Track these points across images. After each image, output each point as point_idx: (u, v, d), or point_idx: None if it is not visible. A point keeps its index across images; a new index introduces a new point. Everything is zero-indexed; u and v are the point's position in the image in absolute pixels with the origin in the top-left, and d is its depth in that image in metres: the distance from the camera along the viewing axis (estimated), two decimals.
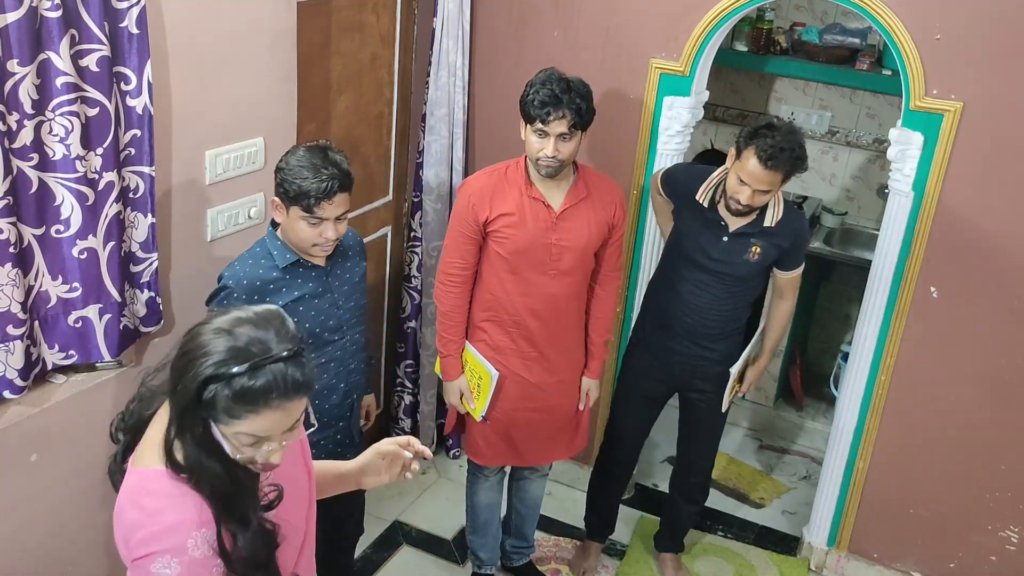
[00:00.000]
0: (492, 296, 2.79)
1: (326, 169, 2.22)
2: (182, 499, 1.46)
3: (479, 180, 2.75)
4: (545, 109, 2.53)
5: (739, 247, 2.83)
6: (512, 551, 3.32)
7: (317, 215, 2.23)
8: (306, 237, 2.28)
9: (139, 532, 1.45)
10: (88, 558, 2.55)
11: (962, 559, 3.26)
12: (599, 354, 2.96)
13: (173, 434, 1.46)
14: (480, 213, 2.69)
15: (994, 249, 2.93)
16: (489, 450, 2.97)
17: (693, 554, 3.54)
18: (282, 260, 2.33)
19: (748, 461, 4.19)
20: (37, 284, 2.22)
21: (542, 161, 2.60)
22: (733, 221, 2.81)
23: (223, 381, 1.40)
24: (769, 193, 2.69)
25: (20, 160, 2.07)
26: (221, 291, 2.31)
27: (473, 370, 2.86)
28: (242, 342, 1.42)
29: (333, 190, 2.22)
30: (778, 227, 2.81)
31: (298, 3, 2.76)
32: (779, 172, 2.63)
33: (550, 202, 2.69)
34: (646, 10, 3.17)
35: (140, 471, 1.51)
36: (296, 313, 2.32)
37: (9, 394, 2.20)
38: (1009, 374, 3.01)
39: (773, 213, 2.81)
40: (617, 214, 2.79)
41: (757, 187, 2.65)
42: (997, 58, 2.76)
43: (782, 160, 2.61)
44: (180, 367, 1.44)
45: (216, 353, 1.41)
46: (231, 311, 1.48)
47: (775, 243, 2.84)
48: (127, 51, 2.21)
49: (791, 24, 4.30)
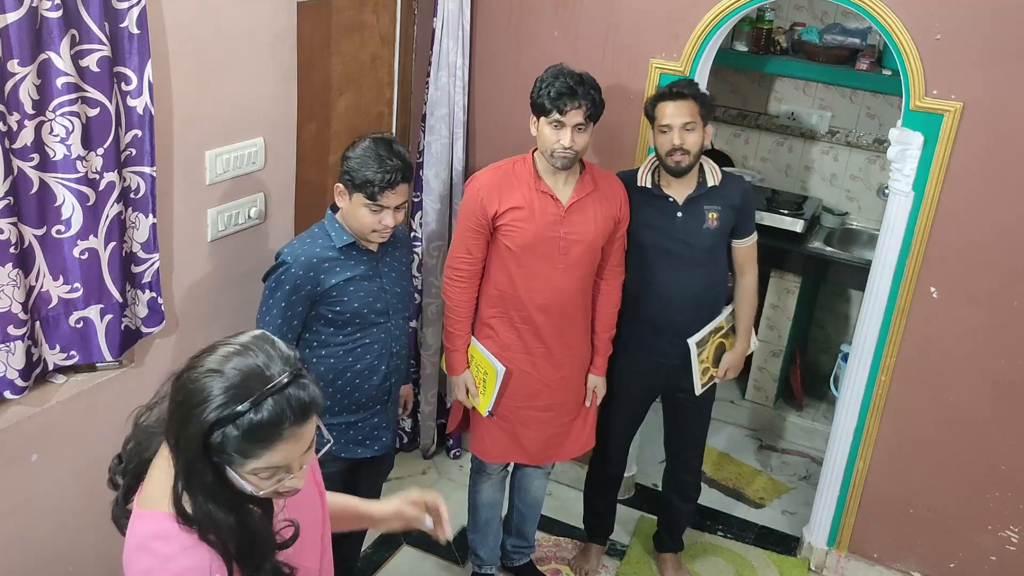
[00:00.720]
0: (500, 291, 2.80)
1: (391, 160, 2.35)
2: (194, 544, 1.40)
3: (487, 175, 2.78)
4: (562, 100, 2.59)
5: (695, 217, 2.87)
6: (512, 551, 3.32)
7: (379, 203, 2.36)
8: (367, 223, 2.40)
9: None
10: (88, 558, 2.55)
11: (962, 559, 3.26)
12: (604, 350, 2.98)
13: (181, 488, 1.38)
14: (489, 207, 2.71)
15: (994, 249, 2.93)
16: (494, 447, 2.98)
17: (693, 554, 3.54)
18: (339, 241, 2.45)
19: (748, 461, 4.19)
20: (38, 284, 2.22)
21: (558, 152, 2.64)
22: (679, 192, 2.86)
23: (229, 423, 1.32)
24: (694, 130, 2.75)
25: (21, 160, 2.07)
26: (280, 267, 2.42)
27: (479, 366, 2.88)
28: (238, 378, 1.34)
29: (396, 180, 2.35)
30: (723, 186, 2.89)
31: (298, 3, 2.76)
32: (687, 100, 2.74)
33: (558, 196, 2.73)
34: (646, 10, 3.17)
35: (149, 514, 1.43)
36: (347, 292, 2.45)
37: (10, 394, 2.20)
38: (1009, 374, 3.01)
39: (712, 174, 2.89)
40: (623, 208, 2.83)
41: (679, 121, 2.73)
42: (997, 58, 2.76)
43: (684, 87, 2.76)
44: (179, 419, 1.35)
45: (215, 397, 1.32)
46: (216, 349, 1.39)
47: (727, 203, 2.88)
48: (127, 51, 2.21)
49: (791, 24, 4.31)
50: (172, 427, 1.37)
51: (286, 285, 2.40)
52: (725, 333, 3.08)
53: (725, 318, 3.05)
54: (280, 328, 2.41)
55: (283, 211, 2.92)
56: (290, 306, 2.42)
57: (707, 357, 3.04)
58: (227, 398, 1.33)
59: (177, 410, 1.36)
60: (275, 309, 2.41)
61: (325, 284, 2.42)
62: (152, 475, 1.46)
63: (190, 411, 1.34)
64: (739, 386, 4.56)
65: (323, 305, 2.44)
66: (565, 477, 3.83)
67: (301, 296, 2.41)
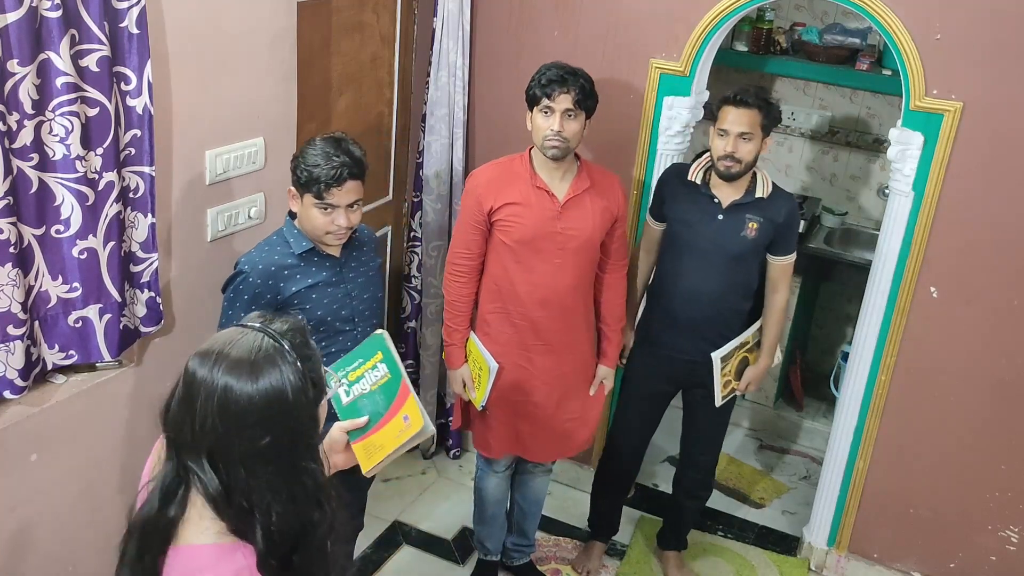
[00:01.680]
0: (498, 287, 2.82)
1: (337, 156, 2.28)
2: (233, 566, 1.32)
3: (485, 172, 2.82)
4: (551, 86, 2.64)
5: (735, 224, 2.87)
6: (513, 549, 3.32)
7: (328, 201, 2.29)
8: (319, 224, 2.33)
9: None
10: (88, 558, 2.55)
11: (962, 559, 3.26)
12: (615, 340, 3.00)
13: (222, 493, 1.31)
14: (486, 203, 2.74)
15: (994, 249, 2.93)
16: (496, 442, 2.99)
17: (693, 554, 3.54)
18: (298, 247, 2.38)
19: (748, 461, 4.19)
20: (37, 284, 2.22)
21: (548, 139, 2.67)
22: (726, 195, 2.87)
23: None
24: (751, 140, 2.75)
25: (20, 160, 2.07)
26: (237, 276, 2.36)
27: (475, 360, 2.90)
28: (251, 342, 1.31)
29: (343, 176, 2.28)
30: (770, 200, 2.88)
31: (298, 3, 2.76)
32: (751, 109, 2.74)
33: (555, 192, 2.75)
34: (646, 10, 3.17)
35: (187, 549, 1.34)
36: (309, 300, 2.38)
37: (9, 394, 2.20)
38: (1009, 374, 3.01)
39: (764, 185, 2.88)
40: (620, 203, 2.85)
41: (736, 129, 2.74)
42: (997, 58, 2.76)
43: (750, 95, 2.74)
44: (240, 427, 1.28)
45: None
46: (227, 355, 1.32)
47: (769, 217, 2.88)
48: (127, 51, 2.21)
49: (791, 24, 4.30)
50: (212, 433, 1.30)
51: (245, 295, 2.34)
52: (750, 348, 3.08)
53: (752, 334, 3.05)
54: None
55: (283, 211, 2.91)
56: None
57: (730, 370, 3.04)
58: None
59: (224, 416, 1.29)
60: (235, 319, 2.30)
61: (286, 292, 2.36)
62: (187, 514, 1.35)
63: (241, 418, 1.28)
64: None
65: (286, 314, 2.37)
66: (565, 477, 3.83)
67: (261, 305, 2.34)
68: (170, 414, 1.34)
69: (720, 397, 3.04)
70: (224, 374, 1.29)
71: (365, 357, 1.84)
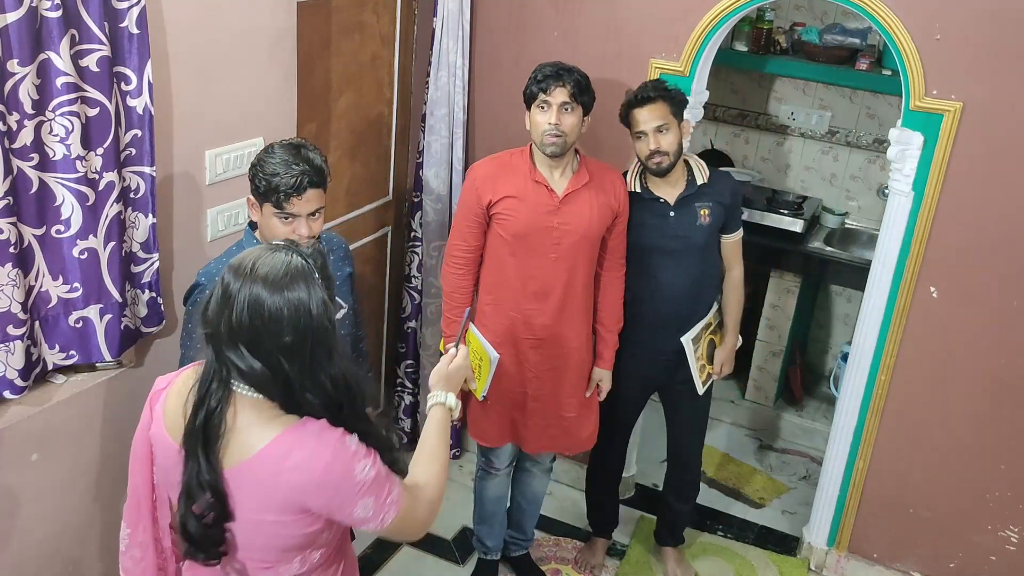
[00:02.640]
0: (494, 279, 2.85)
1: (297, 165, 2.16)
2: (312, 429, 1.56)
3: (484, 165, 2.85)
4: (547, 81, 2.68)
5: (688, 216, 2.93)
6: (510, 541, 3.35)
7: (288, 211, 2.18)
8: (279, 234, 2.21)
9: (318, 475, 1.53)
10: (88, 558, 2.55)
11: (962, 559, 3.26)
12: (612, 342, 3.00)
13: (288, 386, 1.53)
14: (484, 196, 2.77)
15: (994, 249, 2.93)
16: (493, 430, 3.01)
17: (693, 554, 3.54)
18: None
19: (748, 461, 4.19)
20: (38, 284, 2.22)
21: (546, 134, 2.69)
22: (670, 193, 2.92)
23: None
24: (669, 131, 2.80)
25: (20, 160, 2.07)
26: (195, 288, 2.27)
27: (476, 351, 2.91)
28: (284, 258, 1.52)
29: (303, 185, 2.15)
30: (712, 184, 2.94)
31: (298, 3, 2.76)
32: (656, 103, 2.78)
33: (553, 187, 2.77)
34: (646, 10, 3.17)
35: (264, 450, 1.55)
36: None
37: (9, 394, 2.20)
38: (1009, 374, 3.01)
39: (700, 172, 2.94)
40: (621, 201, 2.87)
41: (651, 125, 2.78)
42: (997, 58, 2.76)
43: (648, 90, 2.79)
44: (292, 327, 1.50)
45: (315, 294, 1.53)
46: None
47: (717, 200, 2.94)
48: (127, 51, 2.21)
49: (791, 24, 4.30)
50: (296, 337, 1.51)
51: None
52: (713, 329, 3.12)
53: (712, 314, 3.10)
54: (202, 351, 2.27)
55: None
56: None
57: (702, 355, 3.07)
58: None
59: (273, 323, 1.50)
60: (195, 333, 2.21)
61: None
62: (239, 427, 1.56)
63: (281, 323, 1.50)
64: (739, 386, 4.56)
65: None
66: (566, 477, 3.83)
67: None
68: (209, 314, 1.53)
69: (701, 384, 3.09)
70: (256, 286, 1.50)
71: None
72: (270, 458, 1.54)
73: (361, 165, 3.40)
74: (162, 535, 1.78)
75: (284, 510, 1.56)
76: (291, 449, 1.54)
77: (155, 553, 1.78)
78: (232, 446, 1.56)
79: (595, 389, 3.03)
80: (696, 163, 2.95)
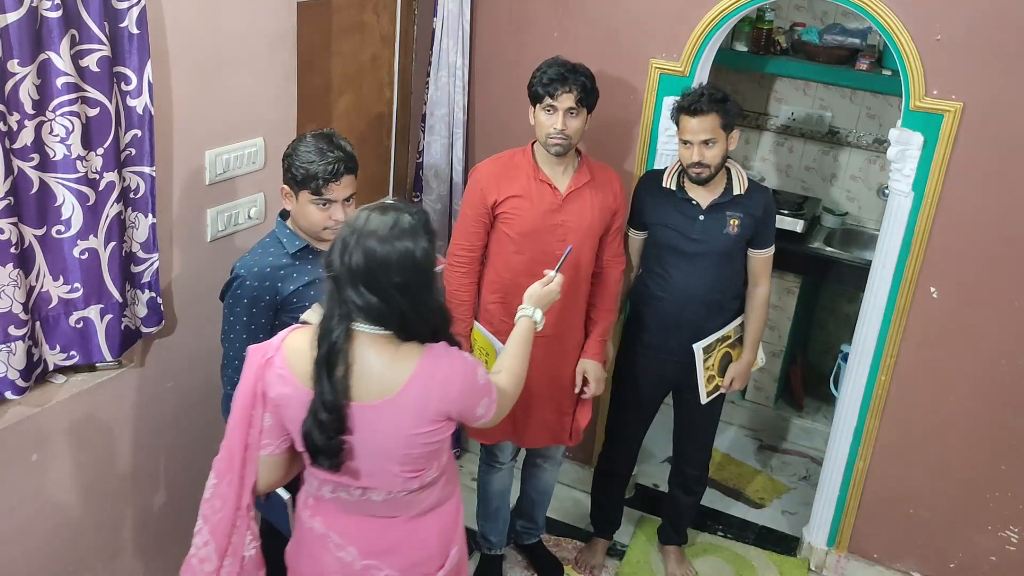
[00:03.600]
0: (499, 278, 2.87)
1: (332, 152, 2.28)
2: (440, 350, 1.90)
3: (488, 166, 2.86)
4: (553, 85, 2.69)
5: (717, 222, 2.91)
6: (522, 530, 3.42)
7: (325, 197, 2.29)
8: (316, 221, 2.32)
9: (458, 385, 1.90)
10: (89, 557, 2.55)
11: (962, 559, 3.26)
12: (599, 333, 2.98)
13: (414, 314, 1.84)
14: (489, 196, 2.79)
15: (994, 249, 2.93)
16: (492, 429, 3.00)
17: (693, 554, 3.54)
18: (291, 246, 2.37)
19: (748, 461, 4.19)
20: (38, 285, 2.22)
21: (552, 137, 2.72)
22: (704, 196, 2.91)
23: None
24: (715, 145, 2.79)
25: (21, 160, 2.07)
26: (234, 281, 2.34)
27: (482, 348, 2.92)
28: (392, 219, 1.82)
29: (340, 172, 2.28)
30: (748, 196, 2.92)
31: (298, 3, 2.76)
32: (707, 115, 2.77)
33: (556, 185, 2.80)
34: (646, 10, 3.17)
35: (414, 377, 1.85)
36: (307, 297, 2.37)
37: (10, 394, 2.20)
38: (1009, 374, 3.01)
39: (739, 181, 2.93)
40: (618, 199, 2.89)
41: (699, 138, 2.78)
42: (997, 58, 2.76)
43: (703, 102, 2.77)
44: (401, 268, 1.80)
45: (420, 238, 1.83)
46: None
47: (749, 212, 2.92)
48: (127, 51, 2.21)
49: (791, 24, 4.30)
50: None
51: (244, 299, 2.32)
52: (732, 343, 3.09)
53: (733, 328, 3.07)
54: (246, 343, 2.27)
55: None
56: (252, 319, 2.33)
57: (712, 365, 3.05)
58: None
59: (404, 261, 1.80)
60: (238, 325, 2.33)
61: (284, 292, 2.35)
62: (370, 362, 1.85)
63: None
64: None
65: (285, 313, 2.36)
66: (567, 478, 3.83)
67: (262, 307, 2.33)
68: (332, 261, 1.82)
69: (705, 393, 3.06)
70: (368, 239, 1.79)
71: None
72: (418, 385, 1.85)
73: (361, 165, 3.39)
74: (243, 492, 1.95)
75: (433, 421, 1.88)
76: (434, 370, 1.86)
77: (233, 507, 1.94)
78: (371, 385, 1.84)
79: (583, 385, 3.01)
80: (737, 172, 2.94)
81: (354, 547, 1.98)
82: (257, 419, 1.92)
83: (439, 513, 2.06)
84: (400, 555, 2.00)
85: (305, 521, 2.03)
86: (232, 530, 1.95)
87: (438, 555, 2.06)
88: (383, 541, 1.99)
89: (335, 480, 1.93)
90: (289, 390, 1.87)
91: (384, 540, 1.99)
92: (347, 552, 1.99)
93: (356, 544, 1.99)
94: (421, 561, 2.03)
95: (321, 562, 2.01)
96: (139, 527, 2.70)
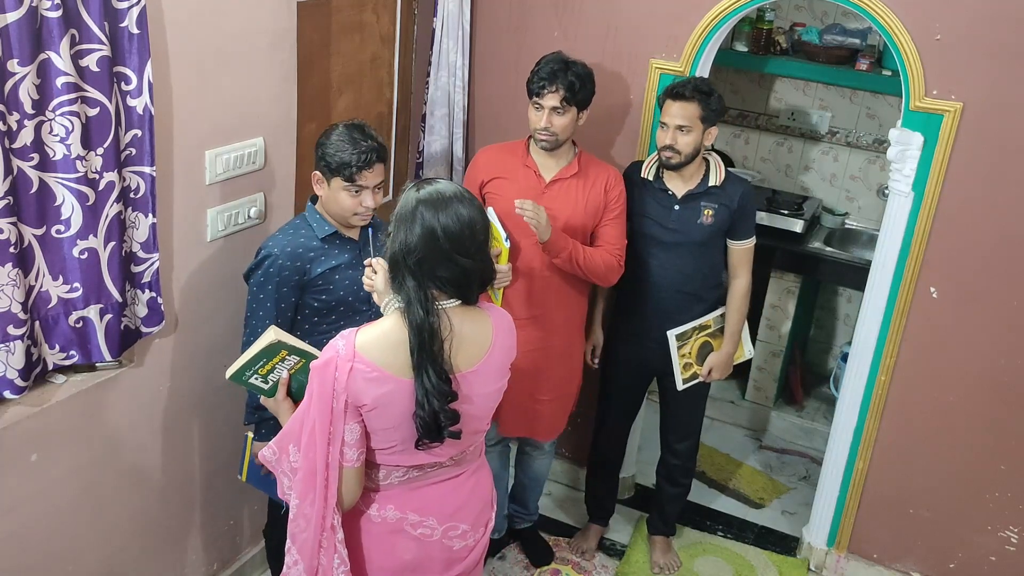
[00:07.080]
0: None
1: (365, 142, 2.41)
2: (490, 305, 2.06)
3: (488, 151, 3.01)
4: (541, 83, 2.77)
5: (692, 212, 2.96)
6: (515, 515, 3.48)
7: (358, 183, 2.41)
8: (347, 206, 2.44)
9: (512, 337, 2.06)
10: (89, 557, 2.55)
11: (962, 559, 3.26)
12: (570, 242, 2.85)
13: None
14: (479, 176, 2.95)
15: (994, 249, 2.93)
16: None
17: (693, 554, 3.54)
18: (321, 231, 2.49)
19: (748, 461, 4.19)
20: (38, 284, 2.22)
21: (539, 133, 2.82)
22: (679, 187, 2.96)
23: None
24: (689, 133, 2.83)
25: (20, 160, 2.07)
26: (265, 259, 2.44)
27: (496, 236, 2.96)
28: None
29: (372, 160, 2.40)
30: (723, 187, 2.97)
31: (298, 3, 2.76)
32: (688, 102, 2.81)
33: (542, 173, 2.89)
34: (646, 10, 3.17)
35: (494, 338, 1.99)
36: (332, 281, 2.49)
37: (10, 394, 2.20)
38: (1009, 374, 3.01)
39: (716, 173, 2.97)
40: (611, 193, 2.93)
41: (675, 122, 2.83)
42: (997, 58, 2.76)
43: (687, 89, 2.82)
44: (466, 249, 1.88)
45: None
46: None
47: (724, 203, 2.97)
48: (127, 51, 2.21)
49: (791, 24, 4.31)
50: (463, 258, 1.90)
51: (276, 277, 2.43)
52: (712, 333, 3.13)
53: (713, 318, 3.11)
54: (275, 320, 2.43)
55: (283, 211, 2.92)
56: (282, 297, 2.45)
57: (689, 353, 3.09)
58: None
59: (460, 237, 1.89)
60: (268, 302, 2.43)
61: (311, 273, 2.46)
62: (465, 331, 1.94)
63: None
64: (739, 386, 4.56)
65: (309, 294, 2.48)
66: (565, 478, 3.83)
67: (291, 286, 2.44)
68: (410, 246, 1.87)
69: (681, 380, 3.10)
70: (451, 206, 1.88)
71: (268, 357, 2.04)
72: (498, 344, 2.00)
73: None
74: (327, 511, 1.94)
75: (507, 371, 2.05)
76: (498, 327, 2.01)
77: (318, 528, 1.94)
78: (469, 352, 1.94)
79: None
80: (715, 164, 2.98)
81: (432, 517, 2.05)
82: (338, 435, 1.90)
83: (484, 461, 2.20)
84: (469, 508, 2.11)
85: (373, 516, 2.04)
86: (319, 551, 1.95)
87: (491, 499, 2.21)
88: (456, 499, 2.08)
89: (420, 461, 1.99)
90: (390, 386, 1.88)
91: (457, 498, 2.08)
92: (426, 525, 2.05)
93: (434, 513, 2.05)
94: (484, 507, 2.17)
95: (396, 552, 2.06)
96: (138, 527, 2.69)
